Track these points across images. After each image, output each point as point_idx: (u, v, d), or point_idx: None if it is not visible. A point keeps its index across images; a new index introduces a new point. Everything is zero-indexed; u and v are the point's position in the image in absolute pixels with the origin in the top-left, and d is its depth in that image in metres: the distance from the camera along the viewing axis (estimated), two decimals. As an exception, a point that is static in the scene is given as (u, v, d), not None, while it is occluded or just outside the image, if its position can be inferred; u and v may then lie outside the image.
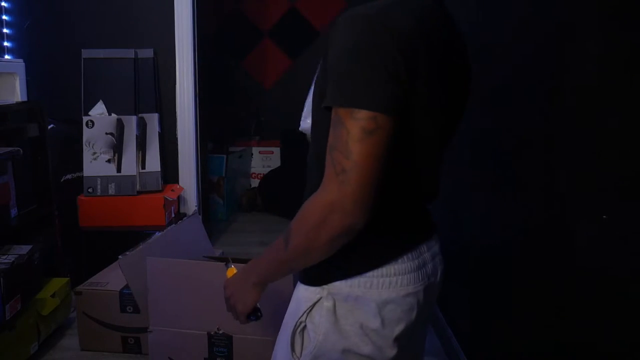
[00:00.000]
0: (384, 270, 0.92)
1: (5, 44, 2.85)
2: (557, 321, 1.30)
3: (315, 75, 0.97)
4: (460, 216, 2.11)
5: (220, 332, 1.79)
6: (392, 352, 0.95)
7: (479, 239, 1.93)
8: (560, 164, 1.30)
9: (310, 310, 0.95)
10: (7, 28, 2.86)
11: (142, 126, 2.79)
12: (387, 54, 0.81)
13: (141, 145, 2.78)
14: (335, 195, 0.81)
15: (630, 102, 1.02)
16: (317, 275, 0.95)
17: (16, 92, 2.62)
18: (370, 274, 0.93)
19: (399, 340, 0.94)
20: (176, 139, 2.92)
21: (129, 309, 2.08)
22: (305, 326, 0.96)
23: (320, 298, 0.95)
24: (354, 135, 0.80)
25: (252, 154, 4.50)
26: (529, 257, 1.48)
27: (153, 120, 2.82)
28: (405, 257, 0.94)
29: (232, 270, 1.15)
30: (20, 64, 2.69)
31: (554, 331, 1.32)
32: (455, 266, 1.89)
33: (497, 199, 1.75)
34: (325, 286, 0.94)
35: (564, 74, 1.30)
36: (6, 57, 2.84)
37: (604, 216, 1.09)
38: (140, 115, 2.79)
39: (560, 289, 1.28)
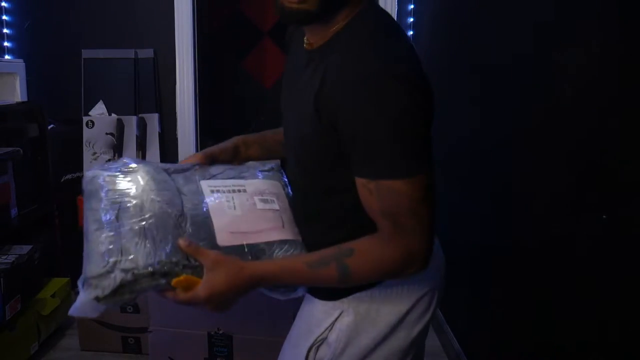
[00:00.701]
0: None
1: (5, 44, 2.85)
2: (557, 321, 1.30)
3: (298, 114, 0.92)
4: (460, 216, 2.11)
5: (220, 332, 1.79)
6: (411, 352, 0.98)
7: (479, 239, 1.93)
8: (560, 163, 1.30)
9: (332, 326, 0.95)
10: (7, 28, 2.86)
11: (142, 126, 2.79)
12: (421, 114, 0.82)
13: (141, 145, 2.78)
14: (412, 250, 0.84)
15: (631, 102, 1.02)
16: (335, 290, 0.94)
17: (16, 92, 2.62)
18: (389, 282, 0.94)
19: (416, 339, 0.97)
20: (176, 139, 2.92)
21: (129, 309, 2.08)
22: (323, 342, 0.96)
23: (342, 312, 0.95)
24: (418, 199, 0.83)
25: (252, 154, 4.50)
26: (528, 257, 1.48)
27: (153, 120, 2.82)
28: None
29: (180, 279, 0.88)
30: (20, 64, 2.69)
31: (554, 331, 1.32)
32: (455, 266, 1.89)
33: (496, 198, 1.75)
34: (345, 299, 0.95)
35: (562, 72, 1.30)
36: (6, 57, 2.83)
37: (604, 216, 1.09)
38: (140, 115, 2.79)
39: (560, 288, 1.28)
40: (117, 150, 2.72)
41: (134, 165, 0.98)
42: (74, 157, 2.72)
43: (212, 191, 0.98)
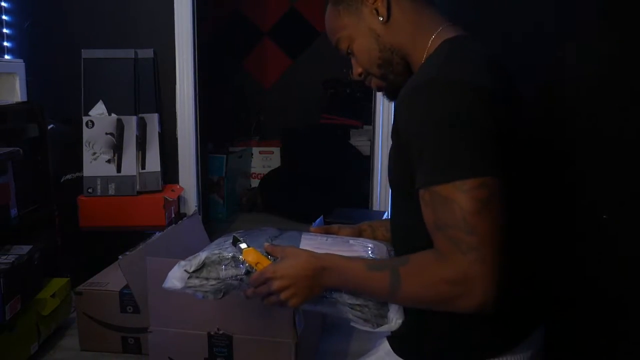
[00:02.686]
0: None
1: (5, 44, 2.85)
2: (557, 320, 1.30)
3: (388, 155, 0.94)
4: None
5: (220, 332, 1.79)
6: None
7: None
8: (560, 163, 1.30)
9: None
10: (7, 28, 2.86)
11: (142, 126, 2.79)
12: (479, 120, 0.77)
13: (141, 146, 2.78)
14: (468, 274, 0.75)
15: (630, 101, 1.02)
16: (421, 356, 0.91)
17: (16, 92, 2.62)
18: None
19: None
20: (176, 139, 2.92)
21: (129, 309, 2.08)
22: None
23: None
24: (471, 208, 0.74)
25: (252, 154, 4.50)
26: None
27: (153, 120, 2.82)
28: (519, 346, 0.89)
29: (250, 251, 0.98)
30: (20, 64, 2.69)
31: (554, 330, 1.32)
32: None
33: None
34: None
35: (562, 72, 1.30)
36: (6, 57, 2.83)
37: (604, 216, 1.09)
38: (140, 115, 2.79)
39: (560, 288, 1.28)
40: (117, 150, 2.72)
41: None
42: (74, 157, 2.72)
43: (307, 237, 1.07)
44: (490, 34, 1.83)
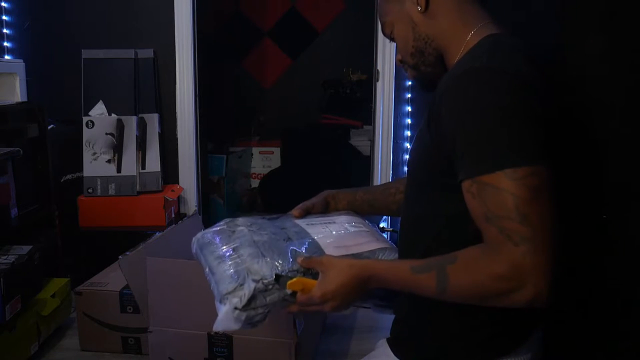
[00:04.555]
0: None
1: (5, 44, 2.85)
2: (557, 321, 1.30)
3: (415, 138, 0.95)
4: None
5: (221, 332, 1.79)
6: None
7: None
8: (559, 163, 1.30)
9: None
10: (7, 28, 2.86)
11: (142, 126, 2.79)
12: (522, 107, 0.76)
13: (141, 146, 2.78)
14: (521, 266, 0.73)
15: (630, 101, 1.02)
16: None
17: (16, 92, 2.62)
18: None
19: None
20: (176, 139, 2.92)
21: (129, 309, 2.08)
22: None
23: None
24: (523, 197, 0.73)
25: (252, 154, 4.50)
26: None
27: (153, 121, 2.82)
28: (521, 348, 0.90)
29: (294, 281, 0.95)
30: (20, 64, 2.69)
31: (553, 332, 1.32)
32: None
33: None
34: None
35: (562, 72, 1.30)
36: (6, 57, 2.83)
37: (604, 216, 1.09)
38: (140, 115, 2.79)
39: (560, 289, 1.28)
40: (117, 150, 2.72)
41: (233, 219, 1.16)
42: (74, 157, 2.72)
43: (307, 224, 1.13)
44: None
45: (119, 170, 2.71)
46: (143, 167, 2.75)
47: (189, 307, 1.79)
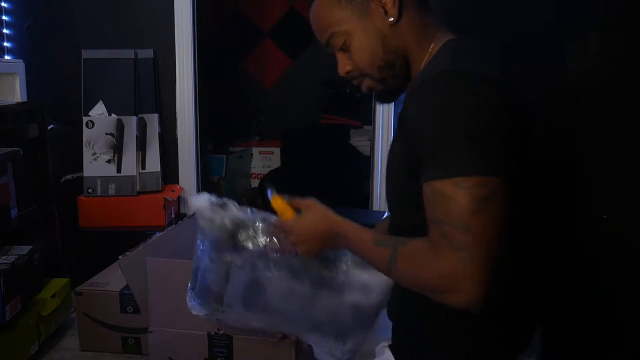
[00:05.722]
0: None
1: (5, 44, 2.85)
2: (557, 321, 1.30)
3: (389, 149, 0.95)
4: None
5: (220, 332, 1.79)
6: None
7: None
8: (559, 163, 1.30)
9: None
10: (7, 28, 2.86)
11: (142, 126, 2.79)
12: (485, 114, 0.75)
13: (141, 146, 2.78)
14: (456, 271, 0.73)
15: (630, 101, 1.02)
16: None
17: (16, 92, 2.62)
18: None
19: None
20: (176, 139, 2.92)
21: (129, 309, 2.08)
22: None
23: None
24: (468, 207, 0.72)
25: (252, 154, 4.50)
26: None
27: (153, 121, 2.82)
28: (523, 353, 0.89)
29: (278, 199, 1.13)
30: (20, 64, 2.69)
31: (553, 332, 1.32)
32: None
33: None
34: None
35: (561, 72, 1.30)
36: (6, 57, 2.83)
37: (604, 216, 1.09)
38: (140, 115, 2.79)
39: (560, 289, 1.28)
40: (117, 150, 2.72)
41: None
42: (74, 157, 2.72)
43: None
44: (490, 34, 1.83)
45: (119, 170, 2.70)
46: (143, 167, 2.75)
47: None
